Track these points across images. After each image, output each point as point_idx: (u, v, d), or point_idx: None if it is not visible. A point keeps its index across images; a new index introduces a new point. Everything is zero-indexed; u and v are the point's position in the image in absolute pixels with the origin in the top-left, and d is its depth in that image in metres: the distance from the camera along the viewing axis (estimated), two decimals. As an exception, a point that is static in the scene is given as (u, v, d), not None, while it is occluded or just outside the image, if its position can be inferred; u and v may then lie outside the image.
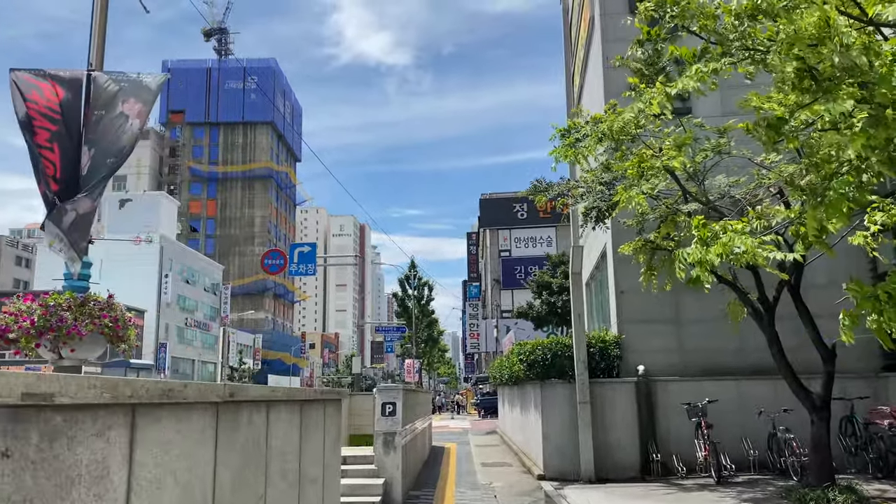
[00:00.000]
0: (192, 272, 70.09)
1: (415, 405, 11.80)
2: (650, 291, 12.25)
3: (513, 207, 45.91)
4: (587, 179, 11.11)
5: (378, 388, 8.73)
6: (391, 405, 8.46)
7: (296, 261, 20.41)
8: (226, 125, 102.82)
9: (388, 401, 8.49)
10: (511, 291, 43.96)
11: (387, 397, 8.51)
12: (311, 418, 3.95)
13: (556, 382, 11.76)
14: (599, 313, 15.63)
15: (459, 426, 29.65)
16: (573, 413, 11.59)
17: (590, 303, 16.91)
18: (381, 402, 8.51)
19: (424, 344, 49.81)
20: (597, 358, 11.76)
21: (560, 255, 26.47)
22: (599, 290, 15.64)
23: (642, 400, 11.68)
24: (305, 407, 3.88)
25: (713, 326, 12.12)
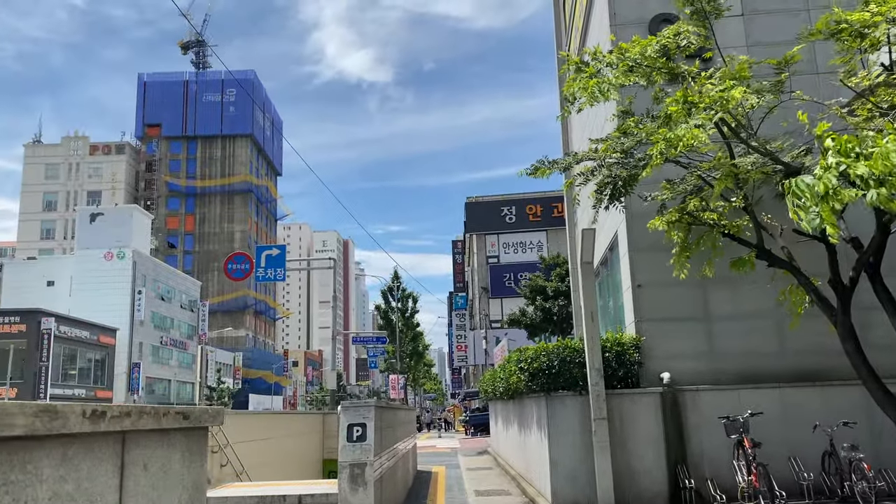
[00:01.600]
0: (167, 289, 67.48)
1: (395, 425, 9.73)
2: (674, 284, 10.32)
3: (500, 211, 43.68)
4: (599, 151, 9.16)
5: (342, 407, 6.69)
6: (360, 427, 6.43)
7: (263, 265, 18.34)
8: (203, 138, 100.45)
9: (355, 422, 6.45)
10: (500, 300, 41.80)
11: (354, 417, 6.47)
12: (145, 465, 1.92)
13: (565, 395, 9.75)
14: (606, 315, 13.65)
15: (447, 445, 27.47)
16: (586, 432, 9.58)
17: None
18: (347, 424, 6.46)
19: (409, 358, 47.60)
20: (613, 364, 9.77)
21: (555, 257, 24.57)
22: (607, 288, 13.67)
23: (668, 414, 9.69)
24: (131, 445, 1.86)
25: (749, 324, 10.20)
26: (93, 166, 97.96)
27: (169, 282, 68.06)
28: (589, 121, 14.19)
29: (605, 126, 11.27)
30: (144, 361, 61.53)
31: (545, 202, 42.71)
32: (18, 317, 46.57)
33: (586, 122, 14.79)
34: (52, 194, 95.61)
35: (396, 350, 43.88)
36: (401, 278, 46.25)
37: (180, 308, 70.95)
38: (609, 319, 13.31)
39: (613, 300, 12.74)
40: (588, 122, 14.42)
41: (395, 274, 46.24)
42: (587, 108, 14.26)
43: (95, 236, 61.03)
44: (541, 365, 9.74)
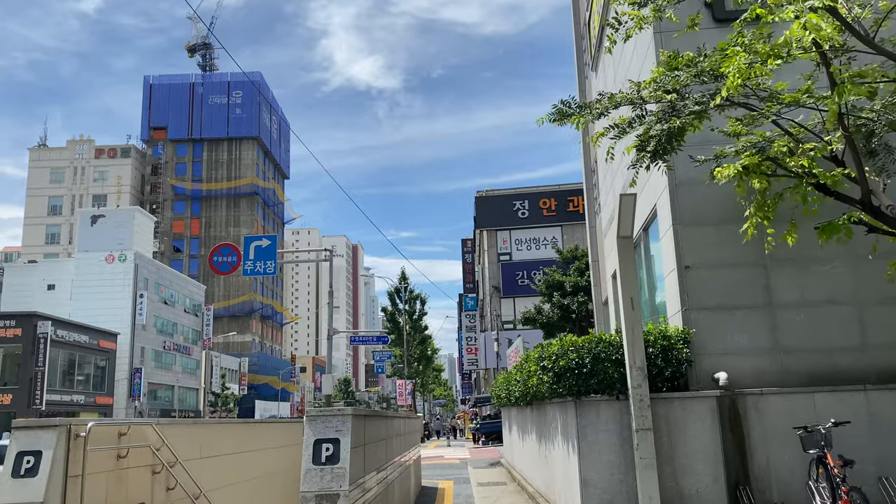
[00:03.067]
0: (170, 292, 65.99)
1: (389, 437, 7.94)
2: (730, 264, 8.50)
3: (512, 205, 41.49)
4: (643, 90, 7.34)
5: (307, 416, 4.90)
6: (330, 445, 4.65)
7: (251, 257, 16.64)
8: (210, 141, 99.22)
9: (325, 437, 4.67)
10: (512, 299, 39.67)
11: (322, 430, 4.69)
12: None
13: (599, 400, 7.92)
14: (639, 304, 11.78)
15: (456, 456, 25.61)
16: (626, 445, 7.75)
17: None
18: (313, 441, 4.68)
19: (417, 363, 45.70)
20: (658, 362, 7.93)
21: (573, 250, 22.69)
22: (640, 272, 11.82)
23: (726, 423, 7.85)
24: None
25: (823, 312, 8.35)
26: (98, 170, 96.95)
27: (172, 285, 66.57)
28: (617, 75, 12.36)
29: (641, 73, 9.45)
30: (146, 367, 60.01)
31: (560, 196, 40.62)
32: (14, 320, 45.09)
33: (610, 82, 12.97)
34: (58, 198, 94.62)
35: (404, 354, 41.98)
36: (408, 279, 44.50)
37: (184, 312, 69.45)
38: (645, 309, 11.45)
39: (648, 288, 10.90)
40: (614, 79, 12.59)
41: (402, 274, 44.42)
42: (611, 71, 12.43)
43: (96, 239, 59.64)
44: (569, 363, 7.91)
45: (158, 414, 59.82)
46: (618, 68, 12.48)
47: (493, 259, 40.92)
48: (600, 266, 18.59)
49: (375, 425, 6.28)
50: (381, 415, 6.72)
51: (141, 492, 6.26)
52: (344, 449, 4.70)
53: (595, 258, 18.70)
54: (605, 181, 15.51)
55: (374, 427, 6.23)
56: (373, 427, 6.11)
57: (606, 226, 15.27)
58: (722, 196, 8.53)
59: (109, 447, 5.73)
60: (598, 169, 16.34)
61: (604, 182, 15.52)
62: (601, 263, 18.17)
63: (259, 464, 8.67)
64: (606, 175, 14.91)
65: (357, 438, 5.04)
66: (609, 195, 14.56)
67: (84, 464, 5.18)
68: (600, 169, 16.05)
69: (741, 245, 8.40)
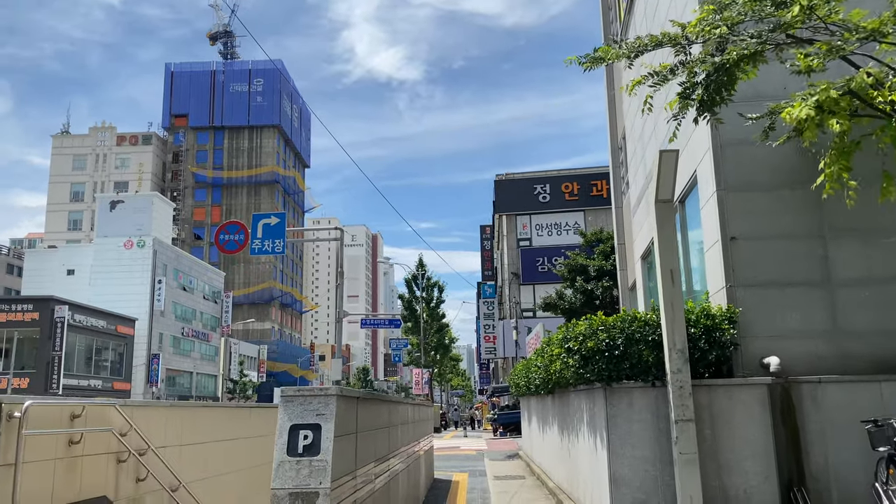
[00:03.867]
0: (189, 278, 65.80)
1: (395, 426, 7.05)
2: (782, 235, 7.50)
3: (533, 189, 40.09)
4: (689, 28, 6.32)
5: (282, 396, 4.01)
6: (309, 432, 3.76)
7: (259, 236, 15.84)
8: (231, 129, 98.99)
9: (302, 422, 3.79)
10: (532, 286, 38.37)
11: (299, 414, 3.80)
12: None
13: (632, 387, 6.96)
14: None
15: (473, 447, 24.74)
16: (663, 438, 6.80)
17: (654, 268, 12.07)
18: (289, 427, 3.80)
19: (434, 351, 44.83)
20: (701, 345, 6.95)
21: (597, 232, 21.59)
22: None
23: (778, 416, 6.86)
24: None
25: (890, 290, 7.30)
26: (120, 157, 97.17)
27: (191, 272, 66.37)
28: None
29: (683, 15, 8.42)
30: (165, 353, 59.91)
31: (583, 179, 39.14)
32: (31, 304, 44.98)
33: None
34: (80, 185, 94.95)
35: (420, 342, 41.15)
36: (426, 266, 43.62)
37: (203, 299, 69.30)
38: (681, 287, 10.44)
39: (684, 264, 9.87)
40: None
41: (419, 261, 43.59)
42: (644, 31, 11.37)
43: (115, 224, 59.51)
44: (598, 344, 6.95)
45: (177, 400, 59.70)
46: (652, 25, 11.42)
47: (512, 245, 39.57)
48: (627, 249, 17.56)
49: (374, 410, 5.39)
50: (381, 398, 5.82)
51: (101, 483, 5.42)
52: (326, 437, 3.81)
53: (621, 240, 17.69)
54: (634, 156, 14.47)
55: (372, 412, 5.33)
56: (370, 412, 5.22)
57: (635, 204, 14.24)
58: (774, 158, 7.52)
59: (56, 431, 4.86)
60: (627, 142, 15.30)
61: (633, 157, 14.48)
62: (628, 246, 17.15)
63: (248, 453, 7.79)
64: (636, 149, 13.87)
65: (345, 424, 4.15)
66: (639, 169, 13.53)
67: (18, 450, 4.31)
68: (629, 143, 15.01)
69: (796, 213, 7.40)
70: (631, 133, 14.55)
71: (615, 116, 18.20)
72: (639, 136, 13.33)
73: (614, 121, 18.19)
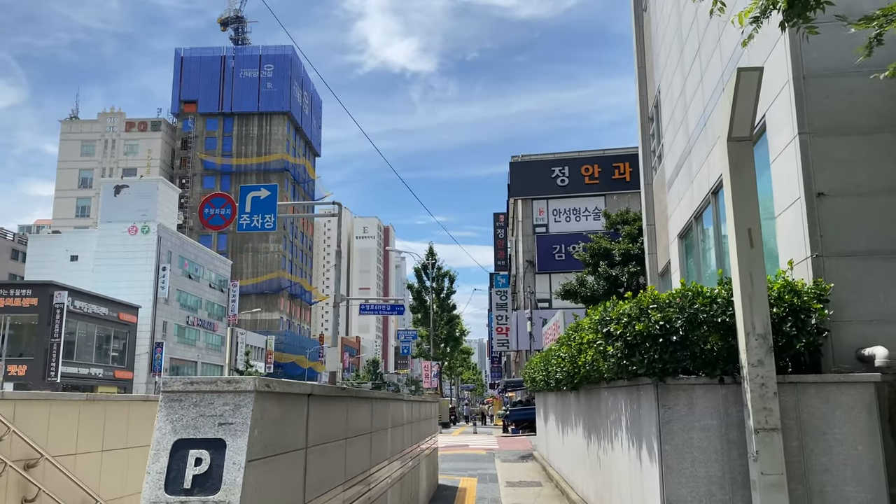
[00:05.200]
0: (195, 266, 64.54)
1: (380, 430, 5.43)
2: (885, 191, 5.82)
3: (551, 172, 37.76)
4: None
5: (163, 391, 2.48)
6: (205, 454, 2.21)
7: (248, 211, 14.29)
8: (240, 115, 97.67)
9: (195, 436, 2.23)
10: (548, 275, 36.34)
11: (192, 424, 2.23)
12: None
13: (694, 383, 5.30)
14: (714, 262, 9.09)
15: (483, 445, 23.13)
16: (735, 452, 5.16)
17: (705, 237, 10.37)
18: (172, 443, 2.23)
19: (444, 344, 43.19)
20: (786, 329, 5.26)
21: (623, 213, 19.84)
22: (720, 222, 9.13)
23: (887, 425, 5.19)
24: None
25: None
26: (129, 143, 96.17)
27: (197, 259, 65.10)
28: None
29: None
30: (169, 342, 58.71)
31: (604, 161, 36.88)
32: (30, 290, 43.78)
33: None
34: (88, 171, 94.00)
35: (430, 333, 39.52)
36: (436, 255, 41.92)
37: (209, 287, 68.06)
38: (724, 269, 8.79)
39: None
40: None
41: (430, 250, 41.88)
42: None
43: (120, 209, 58.29)
44: (650, 327, 5.29)
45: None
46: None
47: (527, 231, 37.48)
48: (657, 230, 15.85)
49: (339, 412, 3.78)
50: (355, 395, 4.19)
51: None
52: (232, 462, 2.21)
53: (651, 221, 15.98)
54: (671, 121, 12.76)
55: (337, 415, 3.72)
56: (333, 415, 3.60)
57: (671, 175, 12.53)
58: (877, 92, 5.84)
59: None
60: (662, 107, 13.56)
61: (669, 122, 12.76)
62: (659, 227, 15.43)
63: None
64: (674, 112, 12.15)
65: (277, 438, 2.55)
66: (678, 134, 11.83)
67: None
68: (664, 107, 13.28)
69: (908, 161, 5.71)
70: (668, 94, 12.83)
71: (645, 84, 16.48)
72: (679, 93, 11.62)
73: (644, 89, 16.47)
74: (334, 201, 15.72)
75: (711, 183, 9.48)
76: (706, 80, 9.68)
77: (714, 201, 9.59)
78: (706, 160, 9.72)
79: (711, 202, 9.63)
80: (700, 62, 10.04)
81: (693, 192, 10.66)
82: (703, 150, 9.91)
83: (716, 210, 9.56)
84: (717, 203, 9.56)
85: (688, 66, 10.91)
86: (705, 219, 10.37)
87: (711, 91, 9.34)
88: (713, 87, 9.26)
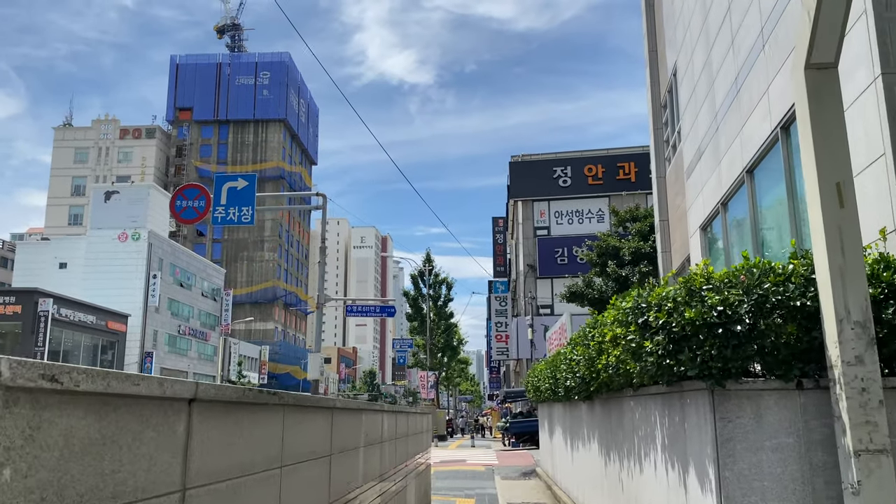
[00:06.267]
0: (187, 274, 63.16)
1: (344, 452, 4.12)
2: None
3: (552, 172, 36.23)
4: None
5: None
6: None
7: (223, 203, 13.04)
8: (235, 123, 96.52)
9: None
10: (550, 280, 34.78)
11: None
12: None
13: (763, 388, 4.00)
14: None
15: (481, 461, 21.73)
16: (820, 480, 3.86)
17: (739, 225, 9.06)
18: None
19: (441, 353, 41.77)
20: (886, 318, 3.95)
21: (632, 210, 18.54)
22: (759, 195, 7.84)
23: None
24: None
25: None
26: (123, 150, 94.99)
27: (189, 267, 63.73)
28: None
29: None
30: (159, 351, 57.23)
31: (608, 161, 35.40)
32: (13, 297, 42.38)
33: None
34: (81, 178, 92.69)
35: (427, 343, 38.12)
36: (433, 261, 40.57)
37: (201, 296, 66.63)
38: (772, 245, 7.48)
39: (791, 215, 6.89)
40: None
41: (427, 256, 40.55)
42: None
43: (110, 216, 56.96)
44: (704, 315, 3.99)
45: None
46: None
47: (528, 234, 35.94)
48: (670, 228, 14.59)
49: (265, 430, 2.48)
50: (290, 403, 2.87)
51: None
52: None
53: (664, 216, 14.72)
54: (692, 97, 11.51)
55: (260, 434, 2.43)
56: (249, 434, 2.31)
57: (693, 159, 11.27)
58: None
59: None
60: (681, 86, 12.31)
61: (690, 100, 11.52)
62: (673, 222, 14.18)
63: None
64: (696, 86, 10.91)
65: (70, 479, 1.29)
66: (701, 111, 10.58)
67: None
68: (683, 86, 12.03)
69: None
70: (687, 71, 11.59)
71: (656, 69, 15.28)
72: (702, 66, 10.38)
73: (655, 75, 15.28)
74: (318, 192, 14.49)
75: (746, 160, 8.21)
76: (739, 42, 8.44)
77: (749, 181, 8.32)
78: (739, 134, 8.46)
79: (747, 182, 8.36)
80: (730, 24, 8.80)
81: (721, 175, 9.40)
82: (734, 124, 8.66)
83: (751, 190, 8.29)
84: (752, 183, 8.30)
85: (713, 33, 9.68)
86: (736, 204, 9.10)
87: (747, 52, 8.09)
88: (749, 48, 8.02)
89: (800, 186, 6.69)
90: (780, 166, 7.09)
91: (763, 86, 7.43)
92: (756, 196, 8.17)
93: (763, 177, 7.90)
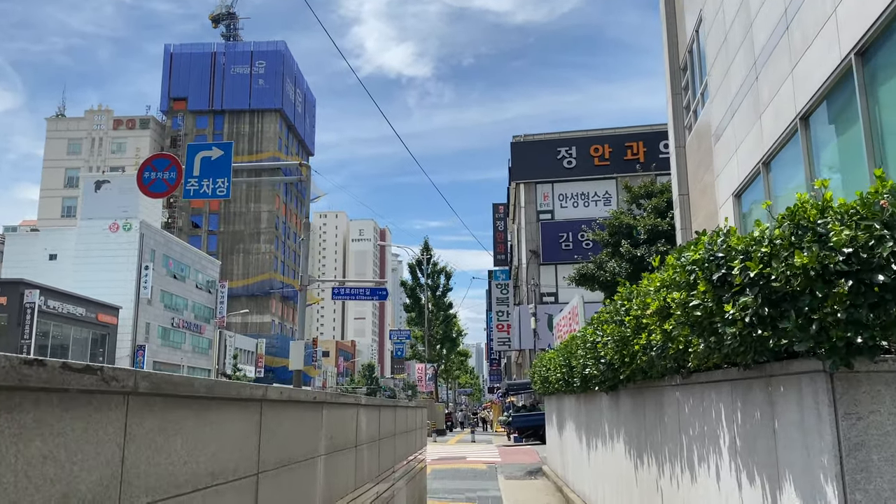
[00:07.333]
0: (181, 266, 61.82)
1: (290, 465, 2.82)
2: None
3: (556, 152, 34.43)
4: None
5: None
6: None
7: (196, 174, 11.74)
8: (231, 113, 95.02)
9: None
10: (554, 266, 33.23)
11: None
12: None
13: (915, 369, 2.71)
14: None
15: (482, 458, 20.46)
16: None
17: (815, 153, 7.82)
18: None
19: (440, 345, 40.51)
20: None
21: (647, 185, 17.24)
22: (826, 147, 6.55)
23: None
24: None
25: None
26: (116, 141, 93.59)
27: (183, 259, 62.38)
28: None
29: None
30: (152, 344, 55.95)
31: (616, 141, 33.92)
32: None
33: None
34: (74, 170, 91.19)
35: (425, 334, 36.86)
36: (431, 250, 39.28)
37: (196, 288, 65.29)
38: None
39: (877, 144, 5.60)
40: None
41: (425, 244, 39.25)
42: None
43: (101, 206, 55.61)
44: (825, 261, 2.68)
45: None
46: None
47: (531, 218, 34.40)
48: (690, 202, 13.28)
49: (197, 432, 1.24)
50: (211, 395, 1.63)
51: None
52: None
53: (683, 190, 13.40)
54: (723, 50, 10.20)
55: (196, 438, 1.17)
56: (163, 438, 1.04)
57: (723, 117, 9.97)
58: None
59: None
60: (708, 40, 10.97)
61: (720, 53, 10.19)
62: (695, 196, 12.87)
63: None
64: (730, 36, 9.58)
65: None
66: (736, 59, 9.26)
67: None
68: (711, 39, 10.70)
69: None
70: (717, 18, 10.25)
71: (674, 28, 13.93)
72: (737, 9, 9.05)
73: (673, 34, 13.92)
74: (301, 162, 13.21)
75: (801, 106, 6.91)
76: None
77: (804, 129, 7.02)
78: (789, 76, 7.13)
79: (801, 131, 7.06)
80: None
81: (762, 131, 8.08)
82: (782, 67, 7.33)
83: (806, 140, 6.99)
84: (807, 132, 7.00)
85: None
86: (783, 161, 7.80)
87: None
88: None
89: (885, 119, 5.40)
90: (853, 103, 5.77)
91: (829, 8, 6.11)
92: (812, 147, 6.87)
93: (824, 121, 6.60)
